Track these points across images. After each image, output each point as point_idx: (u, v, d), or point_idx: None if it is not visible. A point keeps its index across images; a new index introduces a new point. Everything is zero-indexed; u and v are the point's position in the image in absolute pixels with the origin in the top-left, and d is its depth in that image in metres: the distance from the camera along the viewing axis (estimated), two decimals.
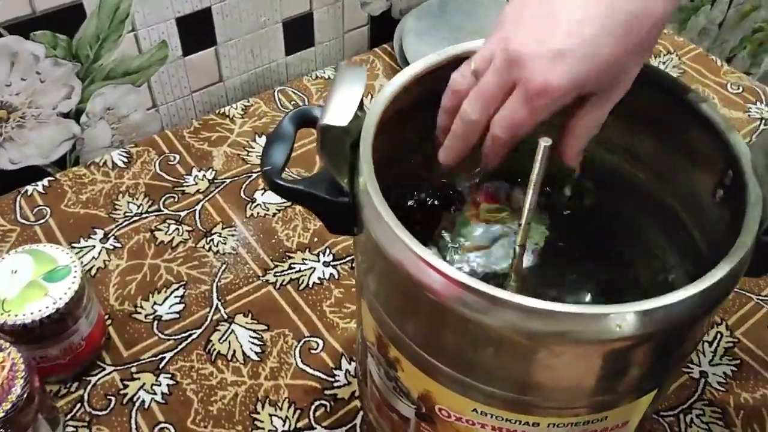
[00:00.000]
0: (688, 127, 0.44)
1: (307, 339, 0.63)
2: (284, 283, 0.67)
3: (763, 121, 0.84)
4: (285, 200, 0.73)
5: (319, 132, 0.38)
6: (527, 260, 0.49)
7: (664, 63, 0.92)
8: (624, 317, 0.34)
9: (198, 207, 0.73)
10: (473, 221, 0.50)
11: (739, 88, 0.89)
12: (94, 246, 0.69)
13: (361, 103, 0.41)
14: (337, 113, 0.37)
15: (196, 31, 0.78)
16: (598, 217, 0.52)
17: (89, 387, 0.59)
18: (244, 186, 0.75)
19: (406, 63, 0.87)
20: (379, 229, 0.37)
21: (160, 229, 0.71)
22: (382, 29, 0.92)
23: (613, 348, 0.35)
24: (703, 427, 0.59)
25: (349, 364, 0.62)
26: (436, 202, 0.53)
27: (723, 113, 0.44)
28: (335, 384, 0.60)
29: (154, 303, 0.65)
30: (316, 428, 0.57)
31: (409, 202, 0.53)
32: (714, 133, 0.43)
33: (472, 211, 0.52)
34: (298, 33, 0.86)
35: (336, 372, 0.61)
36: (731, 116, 0.85)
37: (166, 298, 0.66)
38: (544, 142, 0.40)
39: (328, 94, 0.39)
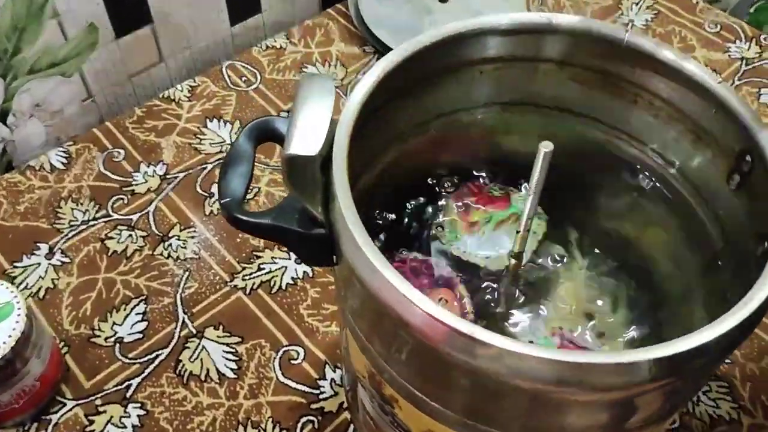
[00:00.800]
0: (703, 109, 0.40)
1: (286, 348, 0.58)
2: (255, 286, 0.62)
3: (744, 60, 0.80)
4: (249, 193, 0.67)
5: (284, 164, 0.32)
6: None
7: (637, 3, 0.86)
8: (640, 366, 0.29)
9: (151, 208, 0.67)
10: (463, 230, 0.45)
11: (716, 27, 0.84)
12: (39, 263, 0.63)
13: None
14: (305, 140, 0.31)
15: (128, 10, 0.70)
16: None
17: (50, 427, 0.54)
18: (199, 179, 0.69)
19: (364, 25, 0.80)
20: (360, 265, 0.32)
21: (111, 238, 0.65)
22: None
23: (631, 394, 0.31)
24: (711, 404, 0.56)
25: (334, 372, 0.57)
26: (423, 200, 0.48)
27: (707, 70, 0.38)
28: (321, 396, 0.56)
29: (114, 323, 0.59)
30: None
31: (398, 201, 0.48)
32: (730, 115, 0.38)
33: (461, 220, 0.47)
34: (243, 1, 0.78)
35: (321, 383, 0.56)
36: (711, 58, 0.80)
37: (126, 317, 0.60)
38: (545, 148, 0.35)
39: (292, 114, 0.33)
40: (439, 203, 0.46)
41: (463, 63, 0.44)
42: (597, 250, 0.47)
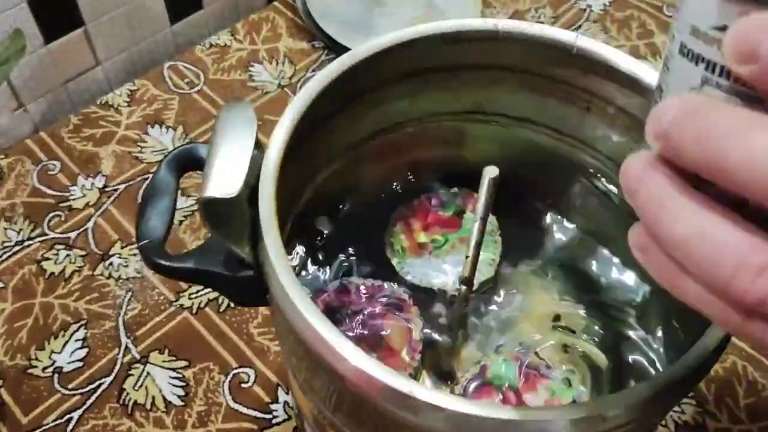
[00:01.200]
0: None
1: (235, 371, 0.55)
2: (201, 305, 0.59)
3: None
4: (193, 206, 0.64)
5: (201, 207, 0.29)
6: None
7: None
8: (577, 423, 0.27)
9: (90, 224, 0.63)
10: (410, 253, 0.42)
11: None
12: None
13: (256, 142, 0.32)
14: (223, 179, 0.28)
15: (56, 13, 0.65)
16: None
17: None
18: (141, 191, 0.65)
19: (311, 18, 0.76)
20: (292, 315, 0.29)
21: (48, 258, 0.61)
22: None
23: None
24: (676, 410, 0.55)
25: (287, 394, 0.54)
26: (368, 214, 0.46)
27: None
28: (274, 421, 0.53)
29: (52, 352, 0.56)
30: None
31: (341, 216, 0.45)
32: None
33: (408, 242, 0.44)
34: None
35: (273, 407, 0.54)
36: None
37: (65, 344, 0.56)
38: (490, 174, 0.32)
39: (209, 151, 0.30)
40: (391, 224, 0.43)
41: (405, 73, 0.41)
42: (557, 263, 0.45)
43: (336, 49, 0.75)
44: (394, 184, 0.47)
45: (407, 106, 0.43)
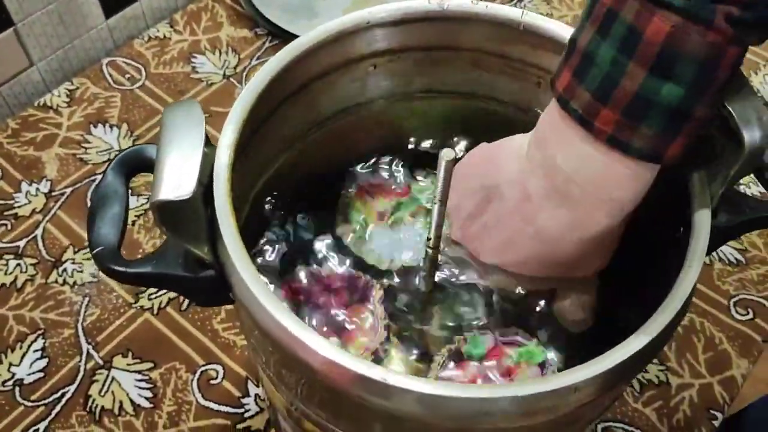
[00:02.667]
0: None
1: (203, 368, 0.55)
2: (162, 305, 0.58)
3: None
4: (145, 205, 0.63)
5: (155, 211, 0.28)
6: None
7: None
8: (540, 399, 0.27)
9: (38, 231, 0.61)
10: (373, 220, 0.42)
11: None
12: None
13: (206, 139, 0.31)
14: (175, 181, 0.28)
15: None
16: None
17: None
18: (89, 193, 0.63)
19: (251, 5, 0.74)
20: (257, 312, 0.29)
21: None
22: None
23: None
24: None
25: (258, 386, 0.54)
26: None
27: None
28: (246, 415, 0.53)
29: (10, 364, 0.54)
30: None
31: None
32: None
33: (364, 209, 0.44)
34: None
35: (244, 401, 0.53)
36: None
37: (23, 356, 0.55)
38: (447, 157, 0.32)
39: (158, 153, 0.29)
40: (343, 201, 0.43)
41: (353, 59, 0.41)
42: None
43: (280, 34, 0.73)
44: (348, 167, 0.46)
45: (357, 90, 0.43)
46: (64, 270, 0.59)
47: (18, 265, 0.59)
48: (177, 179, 0.28)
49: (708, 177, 0.33)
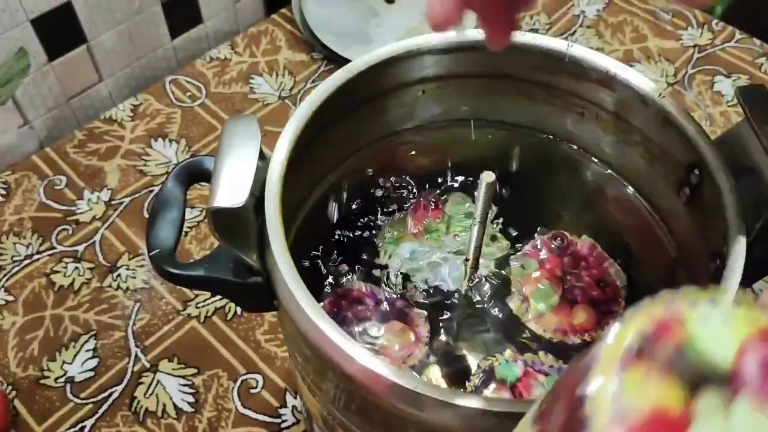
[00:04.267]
0: (649, 121, 0.38)
1: (244, 377, 0.57)
2: (209, 314, 0.60)
3: (697, 48, 0.79)
4: (198, 217, 0.65)
5: (210, 217, 0.30)
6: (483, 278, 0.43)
7: None
8: None
9: (97, 237, 0.64)
10: (409, 239, 0.43)
11: (668, 14, 0.83)
12: None
13: (260, 153, 0.33)
14: (230, 190, 0.30)
15: (60, 31, 0.67)
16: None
17: None
18: (146, 204, 0.66)
19: (309, 30, 0.77)
20: (300, 319, 0.30)
21: (57, 271, 0.62)
22: None
23: None
24: None
25: (295, 398, 0.56)
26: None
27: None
28: (283, 425, 0.54)
29: (63, 362, 0.57)
30: None
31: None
32: (675, 128, 0.37)
33: (411, 228, 0.46)
34: (182, 11, 0.75)
35: (282, 411, 0.55)
36: (664, 47, 0.79)
37: (76, 355, 0.58)
38: (487, 180, 0.33)
39: (215, 163, 0.31)
40: (385, 218, 0.45)
41: (403, 83, 0.42)
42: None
43: (335, 59, 0.76)
44: (393, 189, 0.48)
45: (405, 114, 0.44)
46: (119, 275, 0.62)
47: (76, 268, 0.62)
48: (232, 189, 0.30)
49: (747, 211, 0.33)
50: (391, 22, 0.78)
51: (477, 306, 0.42)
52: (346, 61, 0.74)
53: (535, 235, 0.45)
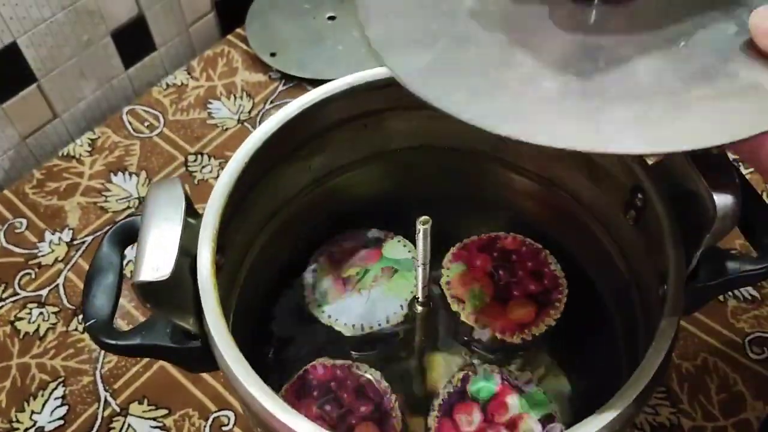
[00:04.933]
0: None
1: (215, 414, 0.56)
2: None
3: None
4: None
5: (136, 291, 0.29)
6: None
7: None
8: None
9: (60, 280, 0.63)
10: (333, 294, 0.43)
11: None
12: None
13: (191, 209, 0.33)
14: (155, 262, 0.29)
15: (7, 72, 0.65)
16: None
17: None
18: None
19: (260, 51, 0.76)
20: (237, 386, 0.30)
21: (21, 318, 0.61)
22: (231, 12, 0.81)
23: None
24: (650, 411, 0.55)
25: None
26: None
27: None
28: None
29: (32, 412, 0.57)
30: None
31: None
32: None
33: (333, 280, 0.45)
34: (133, 40, 0.74)
35: None
36: None
37: (44, 403, 0.57)
38: (423, 225, 0.33)
39: (140, 233, 0.30)
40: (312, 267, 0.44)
41: (343, 119, 0.42)
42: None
43: (291, 78, 0.75)
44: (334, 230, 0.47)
45: (347, 150, 0.44)
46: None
47: (41, 313, 0.61)
48: (156, 260, 0.29)
49: (685, 236, 0.33)
50: (334, 37, 0.77)
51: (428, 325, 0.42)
52: (303, 79, 0.73)
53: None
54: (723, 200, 0.30)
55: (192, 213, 0.33)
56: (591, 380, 0.44)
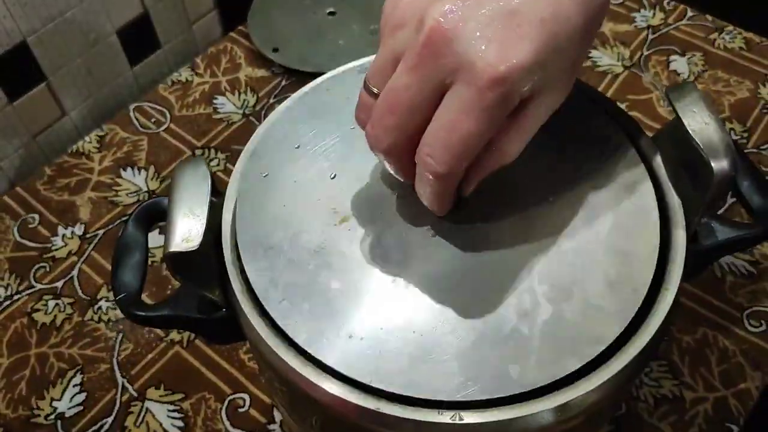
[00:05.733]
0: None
1: (231, 397, 0.58)
2: (191, 338, 0.61)
3: (651, 29, 0.80)
4: None
5: (168, 261, 0.31)
6: None
7: None
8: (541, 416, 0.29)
9: (74, 272, 0.65)
10: None
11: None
12: None
13: (213, 188, 0.34)
14: (185, 233, 0.31)
15: (17, 71, 0.67)
16: None
17: None
18: (114, 250, 0.67)
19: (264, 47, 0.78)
20: (265, 350, 0.31)
21: (38, 310, 0.63)
22: (233, 9, 0.83)
23: None
24: (653, 384, 0.57)
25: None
26: None
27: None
28: None
29: (52, 399, 0.58)
30: None
31: None
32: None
33: None
34: (138, 38, 0.76)
35: (270, 427, 0.56)
36: (618, 30, 0.80)
37: (64, 391, 0.58)
38: None
39: (169, 208, 0.32)
40: None
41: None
42: None
43: (295, 72, 0.77)
44: None
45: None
46: (99, 308, 0.63)
47: (57, 304, 0.63)
48: (186, 232, 0.31)
49: (686, 205, 0.35)
50: (335, 32, 0.79)
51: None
52: (305, 73, 0.75)
53: None
54: (720, 165, 0.32)
55: (214, 192, 0.34)
56: None
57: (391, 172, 0.32)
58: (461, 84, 0.27)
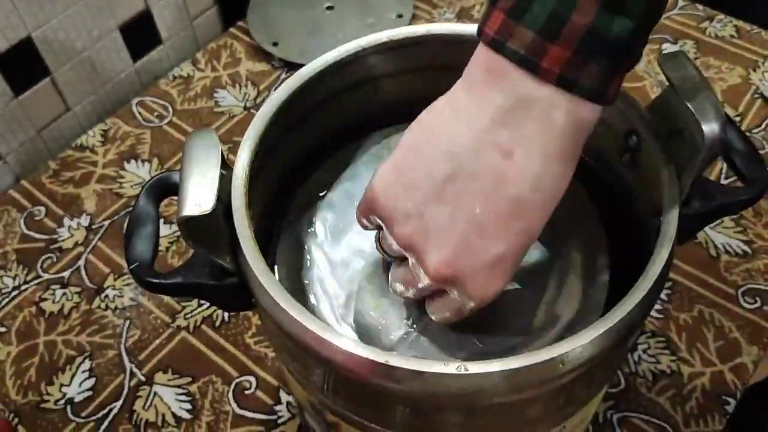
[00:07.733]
0: None
1: (237, 380, 0.59)
2: (198, 323, 0.62)
3: None
4: (177, 232, 0.67)
5: (181, 226, 0.32)
6: None
7: None
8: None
9: (81, 262, 0.66)
10: None
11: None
12: None
13: (223, 160, 0.35)
14: (197, 198, 0.32)
15: (22, 66, 0.68)
16: None
17: None
18: (125, 225, 0.68)
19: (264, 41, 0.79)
20: (276, 312, 0.33)
21: (45, 299, 0.64)
22: (233, 5, 0.84)
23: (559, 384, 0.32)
24: (652, 360, 0.58)
25: (288, 395, 0.58)
26: None
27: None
28: (279, 421, 0.57)
29: (61, 385, 0.59)
30: None
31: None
32: None
33: None
34: (140, 34, 0.77)
35: (277, 408, 0.57)
36: None
37: (72, 376, 0.59)
38: None
39: (181, 175, 0.33)
40: None
41: (354, 83, 0.44)
42: None
43: (294, 66, 0.78)
44: None
45: (361, 111, 0.47)
46: (106, 296, 0.64)
47: (64, 294, 0.64)
48: (198, 197, 0.32)
49: (678, 169, 0.36)
50: (333, 26, 0.81)
51: None
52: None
53: None
54: (710, 129, 0.33)
55: (224, 165, 0.36)
56: None
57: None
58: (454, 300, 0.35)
